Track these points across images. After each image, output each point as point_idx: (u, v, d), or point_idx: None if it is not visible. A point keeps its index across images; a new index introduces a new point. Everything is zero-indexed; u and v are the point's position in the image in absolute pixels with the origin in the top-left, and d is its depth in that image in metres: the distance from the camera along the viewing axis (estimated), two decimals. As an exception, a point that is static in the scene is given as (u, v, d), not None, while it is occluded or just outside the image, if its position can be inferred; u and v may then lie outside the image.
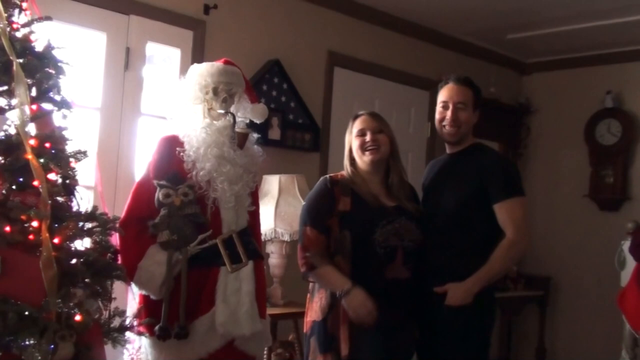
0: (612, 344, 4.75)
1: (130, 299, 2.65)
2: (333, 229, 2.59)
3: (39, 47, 2.11)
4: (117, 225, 2.28)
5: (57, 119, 2.12)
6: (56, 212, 1.98)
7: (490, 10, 4.68)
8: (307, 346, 2.67)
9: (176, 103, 2.70)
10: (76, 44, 3.26)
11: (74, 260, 2.02)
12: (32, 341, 1.84)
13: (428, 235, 2.75)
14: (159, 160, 2.59)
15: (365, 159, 2.66)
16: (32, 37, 2.11)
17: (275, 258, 3.69)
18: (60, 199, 2.05)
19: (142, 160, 3.35)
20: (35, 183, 1.94)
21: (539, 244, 5.37)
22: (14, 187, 1.97)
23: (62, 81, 2.14)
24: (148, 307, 2.49)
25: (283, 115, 4.16)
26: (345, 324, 2.52)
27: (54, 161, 2.01)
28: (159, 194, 2.50)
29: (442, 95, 2.79)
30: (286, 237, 3.51)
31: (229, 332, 2.48)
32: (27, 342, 1.84)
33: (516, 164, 5.41)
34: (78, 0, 3.32)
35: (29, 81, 2.04)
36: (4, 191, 1.95)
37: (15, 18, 2.13)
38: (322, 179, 2.72)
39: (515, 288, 5.54)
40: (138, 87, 3.59)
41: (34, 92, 2.07)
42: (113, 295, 2.18)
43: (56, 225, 1.97)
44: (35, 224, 1.90)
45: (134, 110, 3.57)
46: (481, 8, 4.64)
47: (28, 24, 2.12)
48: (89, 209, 2.14)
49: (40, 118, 2.07)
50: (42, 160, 1.98)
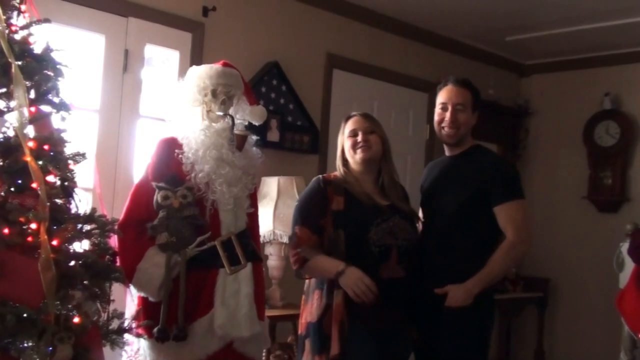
0: (611, 345, 4.75)
1: (129, 301, 2.64)
2: (327, 228, 2.58)
3: (38, 49, 2.11)
4: (116, 227, 2.28)
5: (56, 121, 2.12)
6: (55, 214, 1.97)
7: (489, 12, 4.69)
8: (302, 347, 2.65)
9: (175, 105, 2.70)
10: (75, 46, 3.26)
11: (72, 263, 2.02)
12: (30, 343, 1.84)
13: (428, 237, 2.75)
14: (158, 163, 2.59)
15: (357, 157, 2.65)
16: (31, 39, 2.11)
17: (274, 260, 3.69)
18: (58, 201, 2.05)
19: (140, 163, 3.35)
20: (34, 185, 1.94)
21: (537, 246, 5.34)
22: (12, 189, 1.97)
23: (61, 83, 2.14)
24: (147, 309, 2.49)
25: (282, 117, 4.17)
26: (336, 323, 2.48)
27: (52, 163, 2.01)
28: (157, 196, 2.50)
29: (441, 97, 2.78)
30: (285, 239, 3.51)
31: (227, 334, 2.48)
32: (26, 345, 1.84)
33: (516, 166, 5.42)
34: (77, 2, 3.33)
35: (28, 83, 2.04)
36: (2, 193, 1.95)
37: (14, 20, 2.13)
38: (315, 179, 2.70)
39: (514, 290, 5.54)
40: (137, 89, 3.59)
41: (32, 94, 2.06)
42: (112, 297, 2.18)
43: (55, 227, 1.97)
44: (33, 226, 1.90)
45: (133, 112, 3.57)
46: (480, 10, 4.64)
47: (27, 27, 2.12)
48: (88, 211, 2.14)
49: (39, 120, 2.06)
50: (40, 163, 1.97)
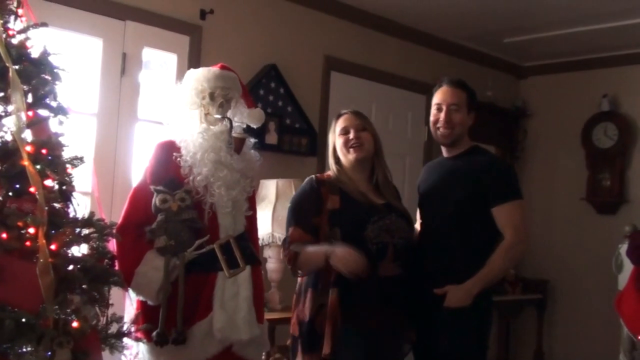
0: (610, 347, 4.74)
1: (128, 304, 2.64)
2: (322, 227, 2.57)
3: (35, 53, 2.11)
4: (114, 231, 2.27)
5: (54, 125, 2.12)
6: (53, 218, 1.97)
7: (487, 14, 4.70)
8: (294, 347, 2.64)
9: (173, 108, 2.70)
10: (72, 50, 3.26)
11: (71, 267, 2.01)
12: (29, 348, 1.84)
13: (427, 238, 2.76)
14: (156, 166, 2.58)
15: (350, 157, 2.65)
16: (28, 43, 2.11)
17: (272, 263, 3.69)
18: (57, 205, 2.04)
19: (139, 166, 3.34)
20: (32, 189, 1.94)
21: (536, 248, 5.36)
22: (10, 193, 1.96)
23: (59, 87, 2.14)
24: (145, 313, 2.49)
25: (280, 119, 4.16)
26: (330, 322, 2.47)
27: (50, 167, 2.01)
28: (156, 200, 2.50)
29: (436, 98, 2.80)
30: (284, 242, 3.51)
31: (226, 338, 2.48)
32: (25, 349, 1.84)
33: (513, 167, 5.42)
34: (74, 6, 3.32)
35: (25, 87, 2.04)
36: (0, 198, 1.94)
37: (11, 24, 2.13)
38: (307, 179, 2.69)
39: (513, 291, 5.53)
40: (135, 92, 3.59)
41: (30, 98, 2.06)
42: (110, 301, 2.17)
43: (53, 231, 1.97)
44: (32, 230, 1.90)
45: (131, 115, 3.57)
46: (478, 12, 4.65)
47: (24, 31, 2.12)
48: (86, 215, 2.14)
49: (37, 124, 2.06)
50: (38, 167, 1.97)
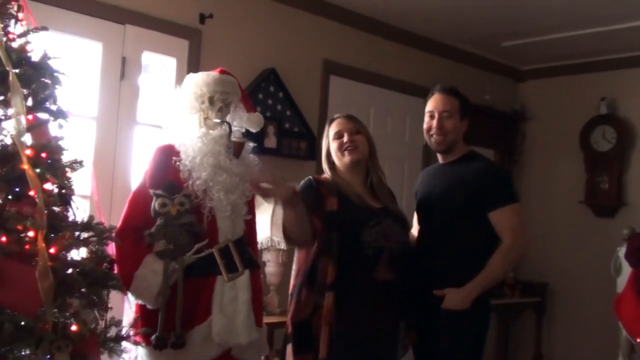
0: (609, 350, 4.74)
1: (127, 308, 2.64)
2: (318, 229, 2.58)
3: (35, 57, 2.11)
4: (114, 234, 2.27)
5: (53, 129, 2.12)
6: (52, 222, 1.97)
7: (485, 18, 4.71)
8: (284, 347, 2.64)
9: (172, 112, 2.70)
10: (72, 54, 3.27)
11: (70, 270, 2.01)
12: (28, 352, 1.83)
13: (425, 242, 2.77)
14: (155, 170, 2.58)
15: (345, 160, 2.66)
16: (28, 47, 2.11)
17: (271, 267, 3.69)
18: (56, 208, 2.04)
19: (138, 170, 3.35)
20: (32, 193, 1.93)
21: (535, 251, 5.36)
22: (10, 197, 1.96)
23: (58, 91, 2.14)
24: (144, 317, 2.48)
25: (279, 123, 4.17)
26: (326, 324, 2.48)
27: (50, 171, 2.01)
28: (155, 204, 2.50)
29: (428, 106, 2.84)
30: (282, 246, 3.51)
31: (225, 342, 2.48)
32: (23, 353, 1.84)
33: (509, 171, 5.44)
34: (74, 10, 3.34)
35: (25, 91, 2.04)
36: (0, 201, 1.95)
37: (11, 28, 2.13)
38: (306, 179, 2.71)
39: (512, 295, 5.54)
40: (134, 96, 3.60)
41: (30, 102, 2.06)
42: (109, 305, 2.17)
43: (52, 235, 1.97)
44: (31, 234, 1.89)
45: (130, 119, 3.57)
46: (476, 16, 4.66)
47: (24, 34, 2.12)
48: (85, 219, 2.14)
49: (37, 128, 2.06)
50: (38, 170, 1.97)
